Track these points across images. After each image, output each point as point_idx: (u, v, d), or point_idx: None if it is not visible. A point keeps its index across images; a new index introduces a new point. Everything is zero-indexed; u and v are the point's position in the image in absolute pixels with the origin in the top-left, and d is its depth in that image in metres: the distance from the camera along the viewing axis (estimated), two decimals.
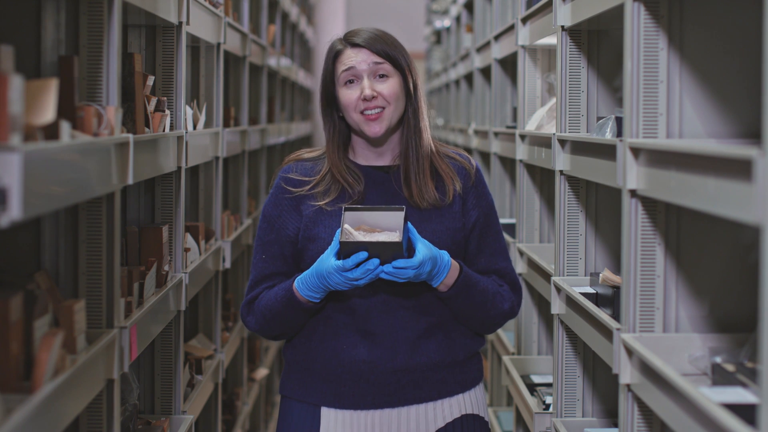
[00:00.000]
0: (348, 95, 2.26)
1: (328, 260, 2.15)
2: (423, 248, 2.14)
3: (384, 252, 2.10)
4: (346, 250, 2.11)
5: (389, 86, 2.25)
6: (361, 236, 2.11)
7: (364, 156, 2.33)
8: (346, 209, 2.14)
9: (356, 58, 2.26)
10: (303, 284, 2.21)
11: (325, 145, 2.37)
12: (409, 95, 2.29)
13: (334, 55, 2.29)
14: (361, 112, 2.24)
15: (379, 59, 2.25)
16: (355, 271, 2.12)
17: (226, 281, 4.39)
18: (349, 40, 2.29)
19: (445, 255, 2.20)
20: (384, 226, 2.13)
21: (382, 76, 2.26)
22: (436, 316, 2.28)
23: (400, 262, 2.11)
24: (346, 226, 2.12)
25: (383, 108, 2.24)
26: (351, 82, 2.26)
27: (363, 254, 2.11)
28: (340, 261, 2.13)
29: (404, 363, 2.25)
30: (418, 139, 2.29)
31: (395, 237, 2.10)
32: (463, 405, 2.32)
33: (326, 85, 2.31)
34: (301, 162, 2.36)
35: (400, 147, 2.31)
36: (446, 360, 2.29)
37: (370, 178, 2.31)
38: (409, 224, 2.17)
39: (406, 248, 2.11)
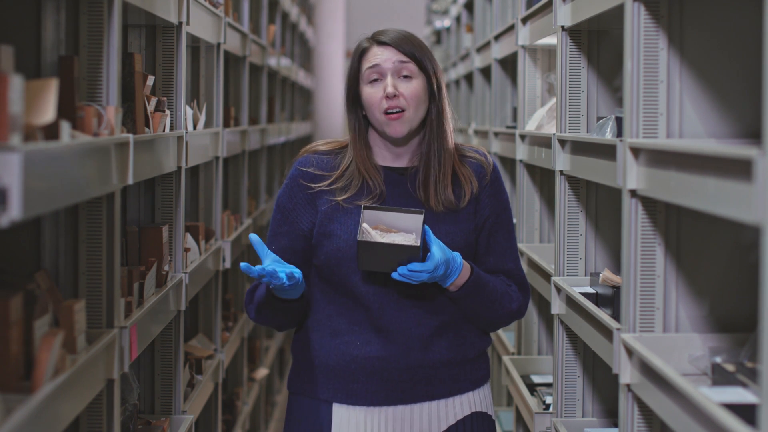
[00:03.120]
0: (371, 94, 2.25)
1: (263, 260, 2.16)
2: (438, 252, 2.14)
3: (400, 254, 2.11)
4: (364, 250, 2.11)
5: (412, 87, 2.25)
6: (378, 236, 2.11)
7: (382, 156, 2.33)
8: (365, 208, 2.14)
9: (382, 56, 2.26)
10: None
11: (339, 138, 2.38)
12: (433, 98, 2.29)
13: (360, 53, 2.29)
14: (384, 112, 2.24)
15: (404, 58, 2.25)
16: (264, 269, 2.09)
17: (226, 281, 4.38)
18: (376, 38, 2.29)
19: (457, 257, 2.21)
20: (401, 227, 2.14)
21: (406, 76, 2.25)
22: (448, 314, 2.29)
23: (416, 266, 2.12)
24: (364, 225, 2.12)
25: (404, 110, 2.24)
26: (375, 80, 2.26)
27: (269, 267, 2.09)
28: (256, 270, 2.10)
29: (417, 360, 2.25)
30: (441, 142, 2.29)
31: (412, 240, 2.11)
32: (474, 402, 2.33)
33: (351, 82, 2.31)
34: (318, 155, 2.35)
35: (421, 149, 2.30)
36: (458, 358, 2.30)
37: (387, 179, 2.30)
38: (426, 227, 2.16)
39: (422, 251, 2.11)
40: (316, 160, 2.34)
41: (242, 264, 2.07)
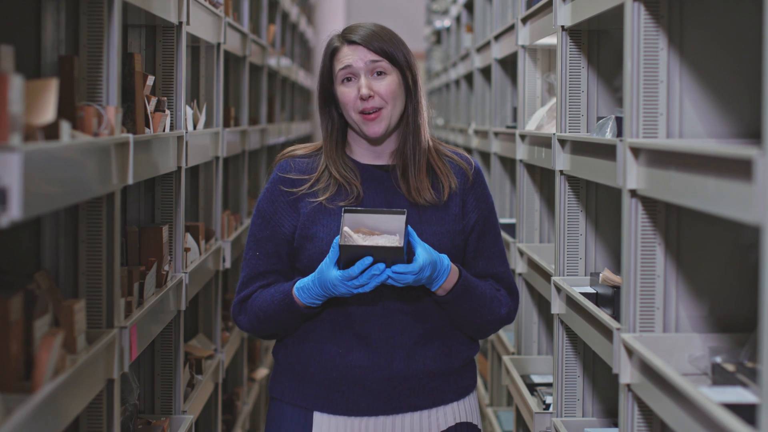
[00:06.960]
0: (346, 94, 2.22)
1: (329, 271, 2.10)
2: (423, 253, 2.10)
3: (384, 256, 2.06)
4: (346, 253, 2.06)
5: (387, 84, 2.21)
6: (360, 239, 2.07)
7: (363, 154, 2.30)
8: (346, 211, 2.09)
9: (353, 56, 2.21)
10: (305, 293, 2.16)
11: (320, 141, 2.35)
12: (409, 92, 2.26)
13: (331, 53, 2.26)
14: (360, 112, 2.21)
15: (376, 57, 2.21)
16: (360, 278, 2.07)
17: (226, 281, 4.39)
18: (346, 37, 2.24)
19: (444, 259, 2.16)
20: (384, 229, 2.08)
21: (380, 73, 2.22)
22: (434, 321, 2.24)
23: (400, 267, 2.08)
24: (345, 228, 2.07)
25: (381, 108, 2.21)
26: (348, 80, 2.22)
27: (368, 259, 2.06)
28: (344, 270, 2.08)
29: (400, 370, 2.21)
30: (416, 135, 2.26)
31: (395, 241, 2.06)
32: (458, 413, 2.29)
33: (324, 82, 2.27)
34: (297, 159, 2.31)
35: (398, 143, 2.28)
36: (442, 368, 2.25)
37: (369, 176, 2.27)
38: (410, 228, 2.12)
39: (406, 252, 2.08)
40: (295, 164, 2.30)
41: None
